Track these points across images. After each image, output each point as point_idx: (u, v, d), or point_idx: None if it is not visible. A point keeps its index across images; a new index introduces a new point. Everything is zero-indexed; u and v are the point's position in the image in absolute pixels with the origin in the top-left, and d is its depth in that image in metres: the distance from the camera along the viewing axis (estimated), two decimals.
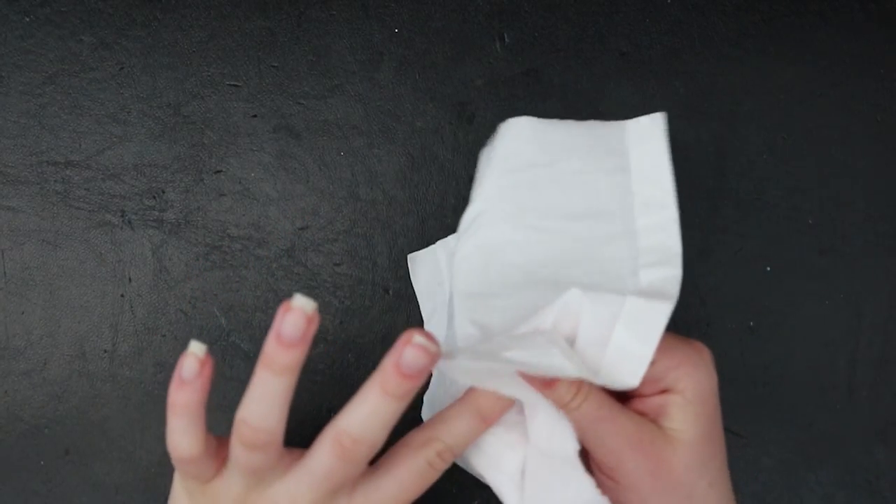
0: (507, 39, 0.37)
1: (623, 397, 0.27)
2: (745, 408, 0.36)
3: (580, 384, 0.25)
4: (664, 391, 0.26)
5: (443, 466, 0.26)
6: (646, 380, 0.25)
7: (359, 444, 0.24)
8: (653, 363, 0.25)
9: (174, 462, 0.26)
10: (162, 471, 0.35)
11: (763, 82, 0.37)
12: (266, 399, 0.23)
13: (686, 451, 0.25)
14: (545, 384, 0.25)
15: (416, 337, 0.23)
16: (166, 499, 0.35)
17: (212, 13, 0.37)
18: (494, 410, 0.26)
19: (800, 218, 0.37)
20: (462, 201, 0.36)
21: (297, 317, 0.23)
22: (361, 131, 0.37)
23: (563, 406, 0.26)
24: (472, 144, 0.37)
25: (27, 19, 0.37)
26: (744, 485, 0.36)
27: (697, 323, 0.36)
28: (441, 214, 0.36)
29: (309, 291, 0.36)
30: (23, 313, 0.36)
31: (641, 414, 0.26)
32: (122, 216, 0.36)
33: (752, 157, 0.37)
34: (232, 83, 0.37)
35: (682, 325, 0.36)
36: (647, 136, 0.28)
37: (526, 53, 0.37)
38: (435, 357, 0.23)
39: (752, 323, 0.36)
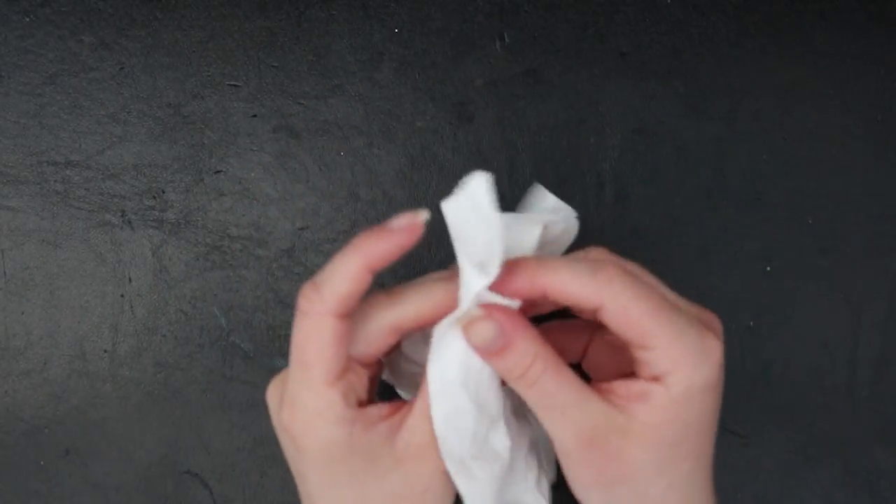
0: (507, 39, 0.37)
1: (612, 374, 0.25)
2: (745, 408, 0.36)
3: (536, 354, 0.23)
4: (654, 377, 0.24)
5: (306, 305, 0.24)
6: (641, 363, 0.24)
7: None
8: (651, 350, 0.23)
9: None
10: (162, 471, 0.35)
11: (763, 82, 0.37)
12: None
13: (645, 448, 0.23)
14: (493, 353, 0.24)
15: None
16: (167, 499, 0.35)
17: (212, 13, 0.37)
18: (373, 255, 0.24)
19: (800, 218, 0.37)
20: None
21: None
22: (361, 131, 0.37)
23: (515, 379, 0.24)
24: (472, 144, 0.37)
25: (27, 19, 0.37)
26: (744, 485, 0.36)
27: None
28: (441, 214, 0.36)
29: None
30: (23, 313, 0.36)
31: (619, 398, 0.24)
32: (122, 216, 0.36)
33: (752, 157, 0.37)
34: (232, 83, 0.37)
35: None
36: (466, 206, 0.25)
37: (526, 53, 0.37)
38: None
39: (751, 323, 0.36)
